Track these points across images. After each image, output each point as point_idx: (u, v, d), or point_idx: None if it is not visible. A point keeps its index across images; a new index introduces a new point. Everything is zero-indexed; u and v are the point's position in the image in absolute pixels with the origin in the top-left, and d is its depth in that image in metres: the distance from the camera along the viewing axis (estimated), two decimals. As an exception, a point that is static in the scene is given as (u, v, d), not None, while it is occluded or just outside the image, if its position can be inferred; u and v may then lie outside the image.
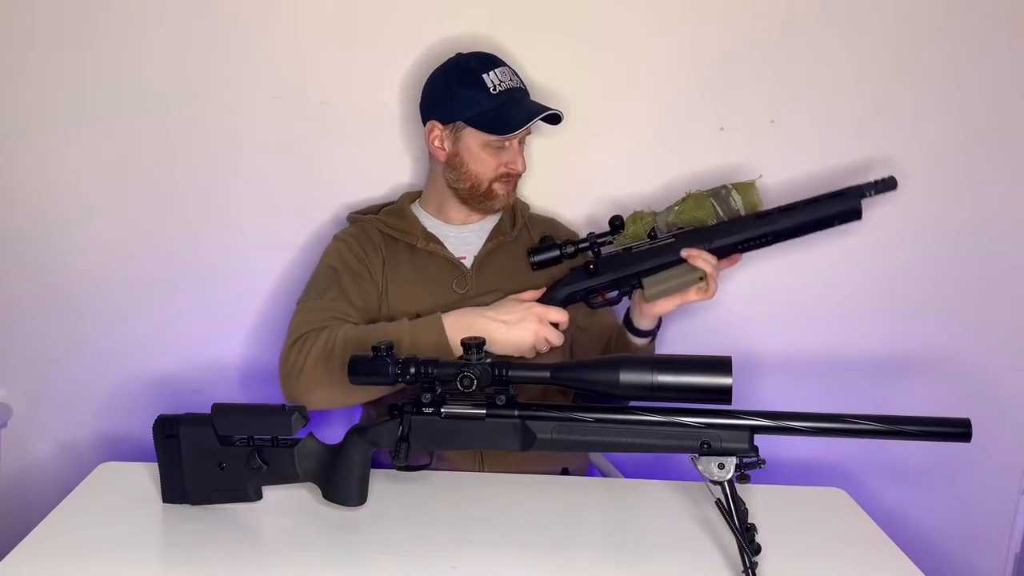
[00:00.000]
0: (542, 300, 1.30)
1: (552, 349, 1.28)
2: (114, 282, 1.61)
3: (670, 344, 1.56)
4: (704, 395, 0.95)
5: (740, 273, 1.57)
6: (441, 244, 1.40)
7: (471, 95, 1.31)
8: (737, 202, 1.28)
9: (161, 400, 1.63)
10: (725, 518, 0.95)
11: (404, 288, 1.37)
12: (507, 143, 1.33)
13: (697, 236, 1.28)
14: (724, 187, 1.29)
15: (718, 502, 0.96)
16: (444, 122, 1.34)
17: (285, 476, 1.07)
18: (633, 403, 1.02)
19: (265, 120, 1.55)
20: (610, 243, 1.32)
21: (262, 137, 1.56)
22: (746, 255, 1.29)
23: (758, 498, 1.13)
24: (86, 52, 1.51)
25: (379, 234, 1.41)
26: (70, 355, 1.64)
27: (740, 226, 1.27)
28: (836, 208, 1.26)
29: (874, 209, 1.57)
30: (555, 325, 1.26)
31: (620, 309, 1.44)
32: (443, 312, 1.26)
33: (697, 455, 0.97)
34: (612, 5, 1.51)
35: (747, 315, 1.61)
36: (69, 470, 1.51)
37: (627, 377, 0.96)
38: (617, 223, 1.30)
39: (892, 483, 1.67)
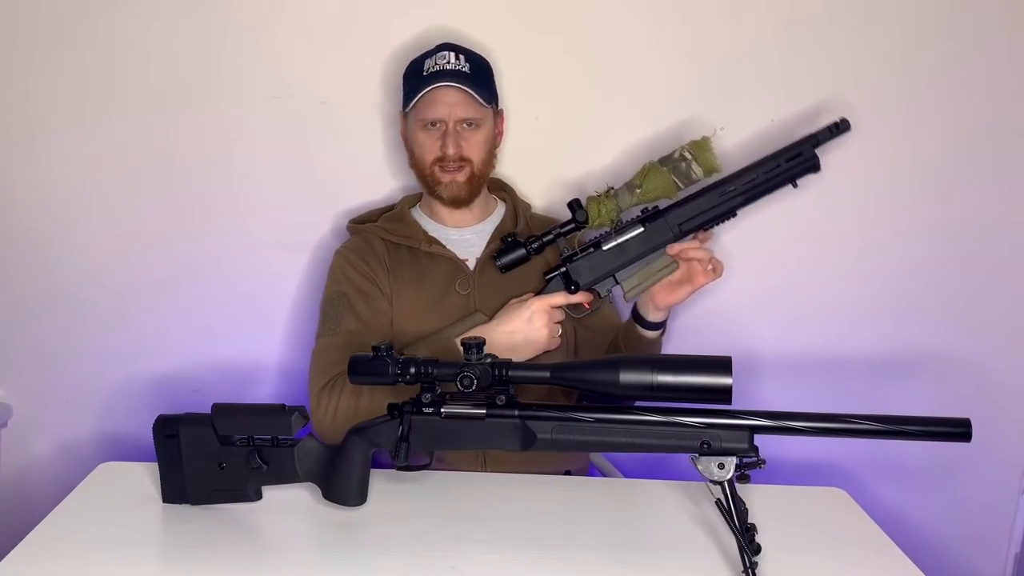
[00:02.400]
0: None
1: (556, 348, 1.28)
2: (114, 282, 1.61)
3: (670, 344, 1.56)
4: (704, 395, 0.95)
5: (740, 273, 1.57)
6: (443, 246, 1.40)
7: (410, 81, 1.37)
8: (696, 171, 1.27)
9: (161, 400, 1.63)
10: (725, 518, 0.95)
11: (408, 292, 1.37)
12: (442, 125, 1.34)
13: (663, 225, 1.27)
14: (681, 154, 1.27)
15: (718, 502, 0.96)
16: (404, 111, 1.40)
17: (285, 476, 1.07)
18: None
19: (265, 120, 1.55)
20: (575, 231, 1.30)
21: (262, 137, 1.56)
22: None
23: (758, 498, 1.13)
24: (88, 52, 1.52)
25: (380, 242, 1.41)
26: (70, 355, 1.64)
27: (701, 204, 1.27)
28: (793, 163, 1.26)
29: (875, 209, 1.57)
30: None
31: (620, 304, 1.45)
32: (457, 335, 1.28)
33: (697, 455, 0.97)
34: (612, 5, 1.51)
35: (747, 315, 1.61)
36: (69, 470, 1.51)
37: (627, 377, 0.96)
38: (576, 206, 1.29)
39: (892, 483, 1.67)
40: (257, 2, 1.51)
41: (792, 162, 1.26)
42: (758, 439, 0.97)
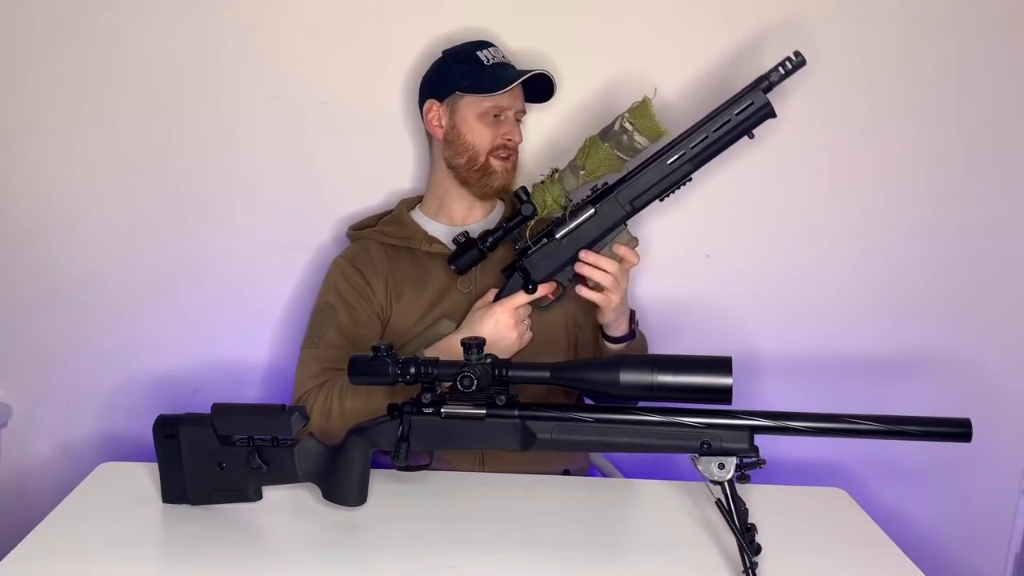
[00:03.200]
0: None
1: (552, 346, 1.27)
2: (114, 282, 1.61)
3: (670, 344, 1.56)
4: (704, 395, 0.95)
5: (740, 273, 1.57)
6: (443, 244, 1.40)
7: (465, 68, 1.36)
8: (640, 141, 1.21)
9: (161, 400, 1.62)
10: (725, 518, 0.95)
11: (409, 293, 1.37)
12: (503, 116, 1.35)
13: (614, 203, 1.23)
14: (621, 125, 1.22)
15: (718, 502, 0.96)
16: (440, 99, 1.38)
17: (285, 476, 1.07)
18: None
19: (265, 120, 1.55)
20: (525, 224, 1.28)
21: (262, 137, 1.56)
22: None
23: (758, 498, 1.13)
24: (87, 52, 1.51)
25: (379, 246, 1.41)
26: (70, 355, 1.64)
27: (650, 177, 1.21)
28: (745, 114, 1.16)
29: (875, 209, 1.57)
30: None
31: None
32: (425, 347, 1.30)
33: (697, 455, 0.97)
34: (612, 5, 1.51)
35: (747, 315, 1.61)
36: (69, 470, 1.51)
37: (627, 377, 0.96)
38: (524, 198, 1.26)
39: (892, 483, 1.67)
40: (257, 2, 1.51)
41: (744, 113, 1.17)
42: (758, 439, 0.97)
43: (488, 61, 1.36)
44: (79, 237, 1.59)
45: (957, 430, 0.94)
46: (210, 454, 1.07)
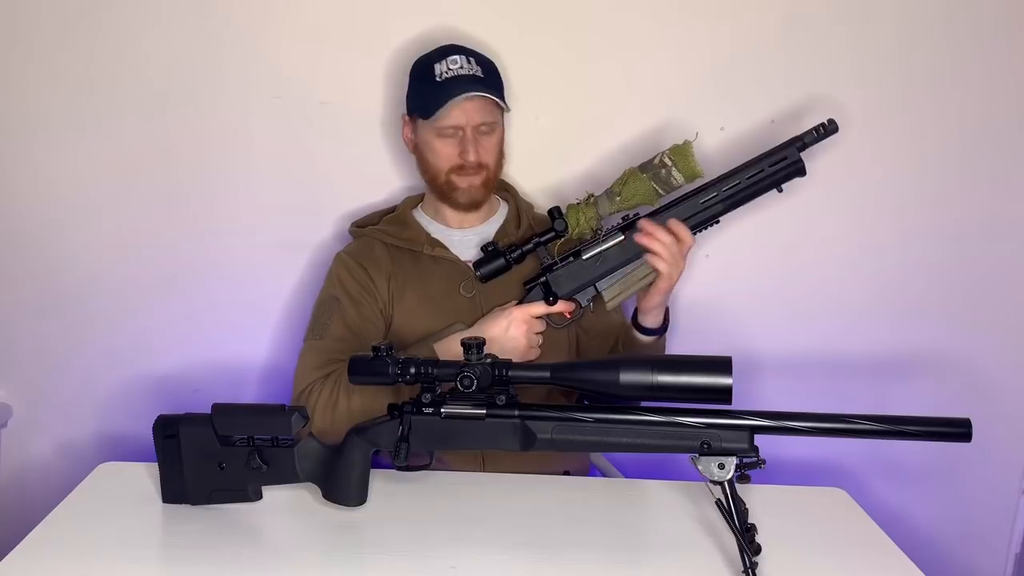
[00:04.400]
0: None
1: (553, 349, 1.27)
2: (114, 282, 1.61)
3: (670, 344, 1.56)
4: (704, 395, 0.95)
5: (740, 273, 1.57)
6: (446, 248, 1.40)
7: (420, 86, 1.35)
8: (677, 177, 1.25)
9: (161, 400, 1.63)
10: (725, 518, 0.95)
11: (412, 295, 1.37)
12: (459, 132, 1.33)
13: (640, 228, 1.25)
14: (661, 160, 1.25)
15: (718, 502, 0.96)
16: (409, 115, 1.39)
17: (285, 476, 1.07)
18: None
19: (265, 120, 1.55)
20: (555, 240, 1.28)
21: (262, 137, 1.56)
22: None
23: (758, 498, 1.13)
24: (88, 53, 1.51)
25: (382, 246, 1.40)
26: (70, 355, 1.64)
27: (681, 212, 1.25)
28: (777, 167, 1.23)
29: (875, 209, 1.57)
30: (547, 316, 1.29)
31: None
32: (434, 341, 1.29)
33: (697, 455, 0.97)
34: (612, 5, 1.51)
35: (747, 315, 1.61)
36: (69, 470, 1.51)
37: (627, 377, 0.96)
38: (556, 214, 1.27)
39: (892, 483, 1.67)
40: (257, 2, 1.51)
41: (776, 166, 1.23)
42: (758, 439, 0.97)
43: (441, 76, 1.32)
44: (80, 237, 1.59)
45: (957, 430, 0.94)
46: (210, 454, 1.06)
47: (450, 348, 1.25)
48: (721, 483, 0.96)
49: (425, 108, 1.32)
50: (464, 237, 1.42)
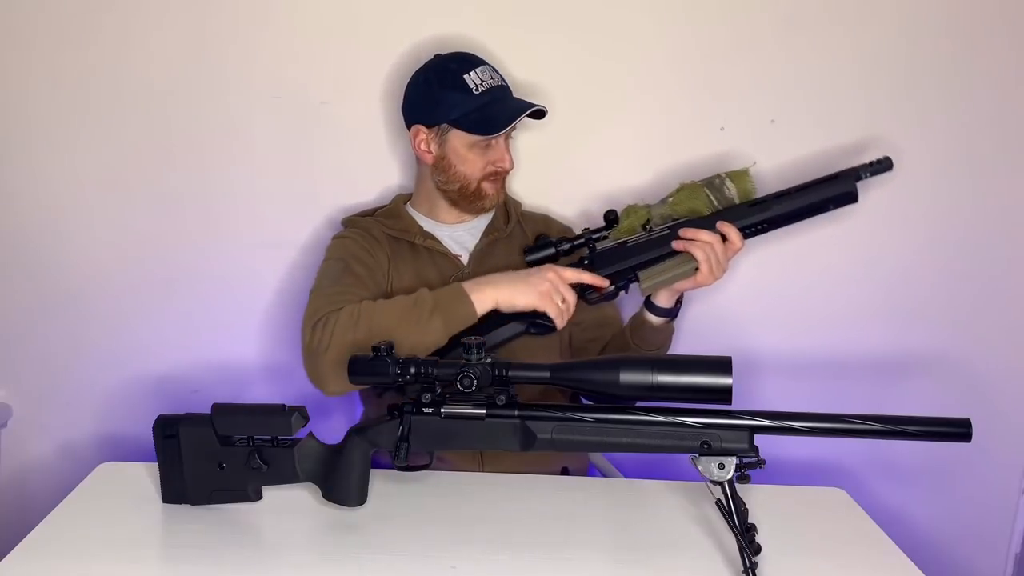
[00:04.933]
0: None
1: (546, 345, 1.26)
2: (115, 282, 1.61)
3: (671, 344, 1.56)
4: (704, 395, 0.95)
5: (740, 273, 1.57)
6: (438, 240, 1.41)
7: (454, 97, 1.31)
8: (731, 191, 1.27)
9: (161, 400, 1.63)
10: (725, 518, 0.95)
11: (408, 280, 1.37)
12: (493, 142, 1.33)
13: (692, 226, 1.27)
14: (718, 176, 1.28)
15: (718, 502, 0.96)
16: (429, 125, 1.34)
17: (285, 476, 1.07)
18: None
19: (265, 120, 1.55)
20: (605, 238, 1.31)
21: (262, 137, 1.56)
22: (747, 245, 1.28)
23: (758, 498, 1.13)
24: (86, 54, 1.51)
25: (380, 233, 1.41)
26: (70, 355, 1.64)
27: (735, 214, 1.27)
28: (831, 192, 1.25)
29: (875, 209, 1.57)
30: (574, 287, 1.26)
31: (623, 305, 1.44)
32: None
33: (697, 455, 0.97)
34: (612, 5, 1.51)
35: (747, 315, 1.61)
36: (69, 470, 1.51)
37: (627, 377, 0.96)
38: (611, 217, 1.31)
39: (892, 483, 1.67)
40: (257, 3, 1.51)
41: (830, 191, 1.25)
42: (758, 439, 0.97)
43: (477, 88, 1.31)
44: (79, 238, 1.59)
45: (957, 430, 0.94)
46: (210, 454, 1.07)
47: (482, 291, 1.22)
48: (721, 483, 0.96)
49: (475, 124, 1.30)
50: (453, 233, 1.43)
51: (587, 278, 1.26)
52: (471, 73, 1.32)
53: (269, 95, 1.54)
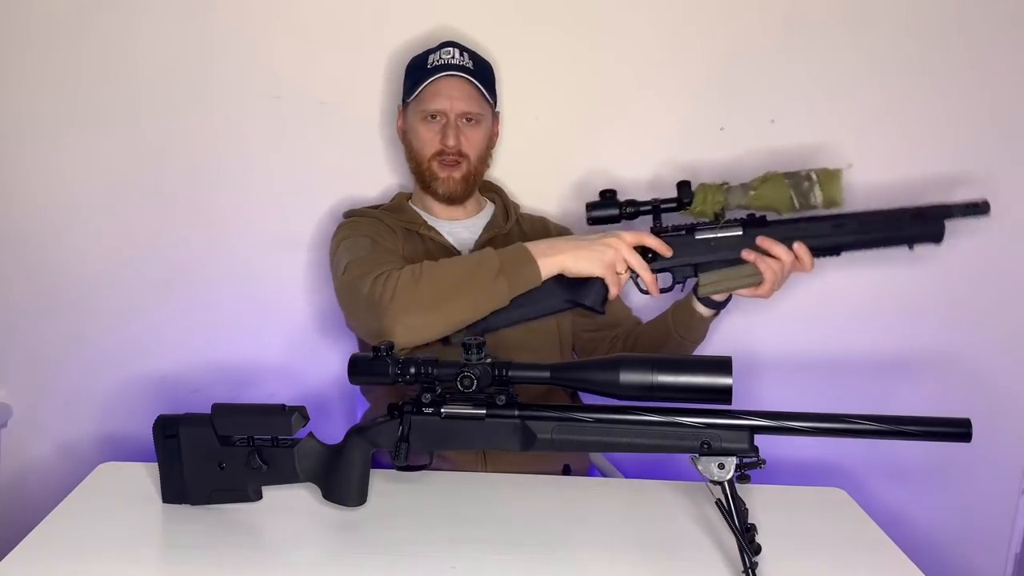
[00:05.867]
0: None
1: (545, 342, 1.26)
2: (114, 282, 1.61)
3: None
4: (704, 395, 0.95)
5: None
6: (439, 233, 1.41)
7: (413, 74, 1.38)
8: (817, 198, 1.18)
9: (161, 400, 1.63)
10: (725, 518, 0.95)
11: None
12: (442, 118, 1.35)
13: (765, 234, 1.20)
14: (808, 176, 1.18)
15: (718, 502, 0.96)
16: (403, 104, 1.43)
17: (285, 476, 1.07)
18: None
19: (265, 120, 1.55)
20: (674, 210, 1.22)
21: (262, 137, 1.56)
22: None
23: (758, 498, 1.13)
24: (84, 52, 1.52)
25: (394, 222, 1.41)
26: (70, 355, 1.64)
27: (814, 230, 1.20)
28: (918, 228, 1.18)
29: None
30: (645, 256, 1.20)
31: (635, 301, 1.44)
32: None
33: (697, 455, 0.97)
34: (613, 5, 1.51)
35: (747, 315, 1.61)
36: (69, 470, 1.51)
37: (627, 377, 0.96)
38: (684, 189, 1.21)
39: (892, 483, 1.67)
40: (256, 3, 1.51)
41: (916, 226, 1.18)
42: (758, 439, 0.97)
43: (432, 64, 1.36)
44: (78, 238, 1.59)
45: (957, 430, 0.94)
46: (210, 454, 1.07)
47: (549, 256, 1.17)
48: (721, 483, 0.96)
49: (411, 89, 1.37)
50: (452, 229, 1.44)
51: (651, 242, 1.20)
52: (437, 52, 1.37)
53: (268, 95, 1.54)
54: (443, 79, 1.34)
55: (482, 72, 1.39)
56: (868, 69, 1.52)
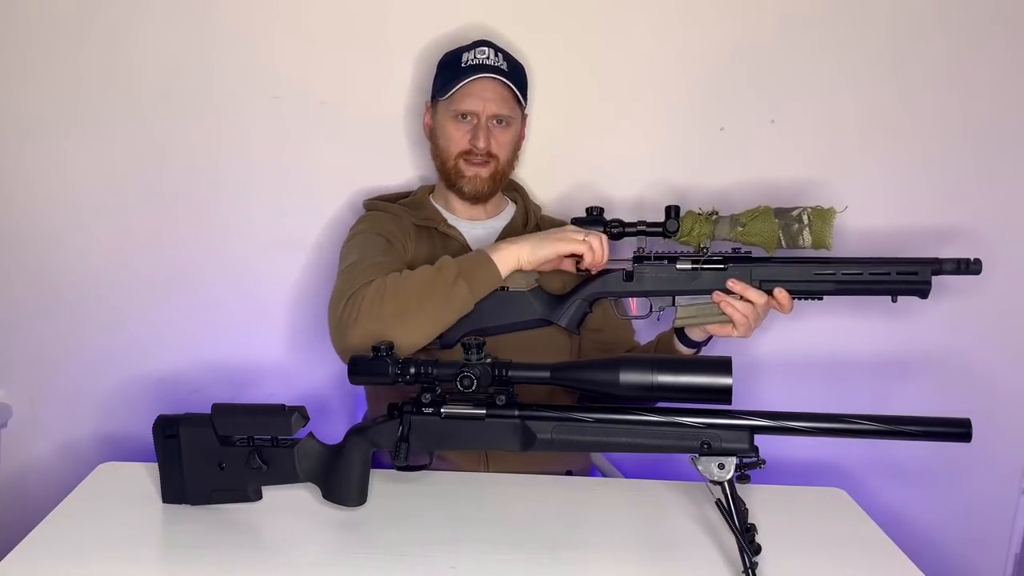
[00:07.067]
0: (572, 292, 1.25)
1: (555, 349, 1.26)
2: (114, 282, 1.61)
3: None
4: (704, 395, 0.95)
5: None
6: (460, 232, 1.41)
7: (446, 72, 1.37)
8: (806, 238, 1.17)
9: (161, 400, 1.63)
10: (725, 518, 0.95)
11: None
12: (474, 118, 1.35)
13: (745, 273, 1.19)
14: (799, 217, 1.17)
15: (718, 502, 0.96)
16: (432, 100, 1.42)
17: (285, 476, 1.07)
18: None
19: (265, 120, 1.55)
20: (659, 235, 1.21)
21: (262, 137, 1.56)
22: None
23: (758, 498, 1.13)
24: (84, 52, 1.51)
25: (409, 222, 1.40)
26: (70, 355, 1.64)
27: (792, 272, 1.18)
28: (904, 280, 1.15)
29: (875, 208, 1.57)
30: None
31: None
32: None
33: (697, 455, 0.97)
34: (613, 6, 1.51)
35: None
36: (69, 470, 1.51)
37: (627, 377, 0.96)
38: (673, 215, 1.20)
39: (892, 483, 1.67)
40: (257, 3, 1.51)
41: (903, 276, 1.15)
42: (758, 439, 0.97)
43: (467, 63, 1.35)
44: (79, 238, 1.59)
45: (957, 430, 0.94)
46: (210, 454, 1.07)
47: (503, 251, 1.19)
48: (721, 483, 0.96)
49: (444, 88, 1.35)
50: (472, 230, 1.43)
51: (596, 245, 1.19)
52: (472, 51, 1.36)
53: (268, 95, 1.54)
54: (478, 80, 1.33)
55: (516, 74, 1.38)
56: (867, 69, 1.52)
